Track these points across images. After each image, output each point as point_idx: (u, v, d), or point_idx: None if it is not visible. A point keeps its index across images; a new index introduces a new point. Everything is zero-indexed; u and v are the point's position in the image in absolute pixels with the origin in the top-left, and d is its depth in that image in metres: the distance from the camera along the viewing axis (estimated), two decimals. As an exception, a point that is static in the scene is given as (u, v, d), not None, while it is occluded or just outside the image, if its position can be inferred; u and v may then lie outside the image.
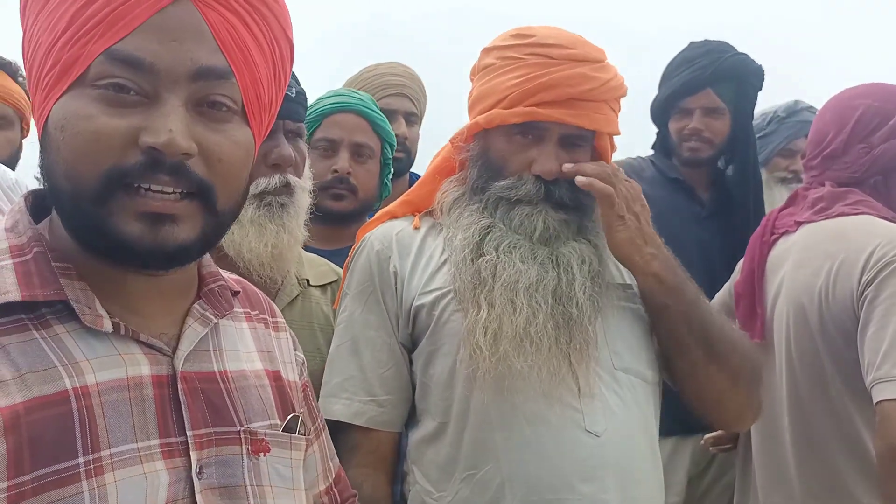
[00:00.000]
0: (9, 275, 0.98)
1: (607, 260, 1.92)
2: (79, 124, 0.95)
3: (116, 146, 0.95)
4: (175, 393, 1.04)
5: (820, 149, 2.30)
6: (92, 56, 0.96)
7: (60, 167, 0.97)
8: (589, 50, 1.93)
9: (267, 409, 1.16)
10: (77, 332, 0.99)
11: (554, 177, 1.87)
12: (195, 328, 1.10)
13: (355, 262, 2.00)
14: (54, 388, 0.94)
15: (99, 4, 0.95)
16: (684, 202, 3.18)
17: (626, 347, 1.88)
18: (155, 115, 0.96)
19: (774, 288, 2.27)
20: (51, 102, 0.98)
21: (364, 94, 2.74)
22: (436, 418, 1.86)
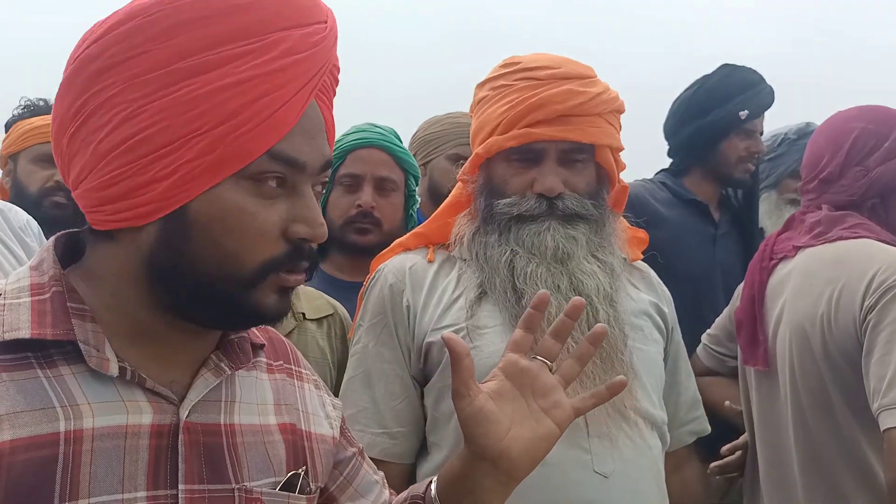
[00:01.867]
0: (24, 312, 1.00)
1: (620, 285, 1.93)
2: (243, 220, 1.01)
3: (273, 239, 1.03)
4: (175, 443, 1.03)
5: (816, 172, 2.29)
6: (256, 153, 1.00)
7: (212, 255, 1.01)
8: (575, 67, 1.97)
9: (273, 465, 1.14)
10: (83, 374, 0.99)
11: (556, 193, 1.90)
12: (207, 378, 1.10)
13: (369, 294, 2.01)
14: (48, 429, 0.94)
15: (260, 104, 1.00)
16: (699, 223, 3.19)
17: (638, 386, 1.88)
18: (300, 206, 1.05)
19: (776, 314, 2.26)
20: (195, 190, 1.00)
21: (387, 128, 2.78)
22: (445, 452, 1.86)
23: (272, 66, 1.00)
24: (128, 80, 0.99)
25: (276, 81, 1.00)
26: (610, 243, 1.96)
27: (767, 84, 3.23)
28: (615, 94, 1.98)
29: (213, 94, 0.98)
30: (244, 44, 1.00)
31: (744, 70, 3.24)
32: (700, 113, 3.18)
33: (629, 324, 1.92)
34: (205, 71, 0.99)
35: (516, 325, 1.78)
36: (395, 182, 2.70)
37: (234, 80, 0.99)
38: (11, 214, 2.06)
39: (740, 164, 3.21)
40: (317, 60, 1.05)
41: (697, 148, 3.21)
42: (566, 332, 1.35)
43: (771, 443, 2.27)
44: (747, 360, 2.33)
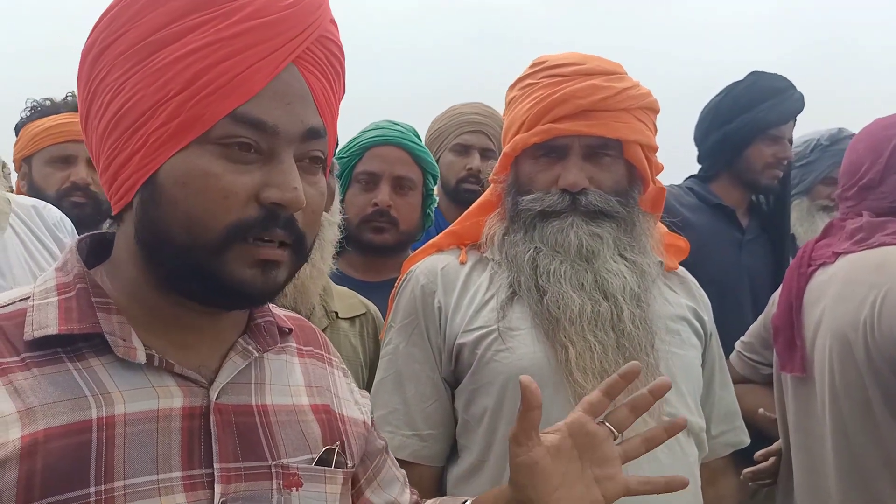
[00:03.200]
0: (52, 310, 1.03)
1: (650, 285, 1.90)
2: (206, 181, 1.01)
3: (241, 202, 1.01)
4: (207, 424, 1.05)
5: (855, 179, 2.27)
6: (217, 116, 1.01)
7: (179, 219, 1.01)
8: (601, 63, 1.95)
9: (309, 443, 1.17)
10: (112, 364, 1.03)
11: (580, 188, 1.87)
12: (235, 361, 1.12)
13: (401, 295, 2.00)
14: (80, 416, 0.97)
15: (221, 68, 1.01)
16: (726, 228, 3.19)
17: (674, 392, 1.84)
18: (275, 172, 1.03)
19: (814, 320, 2.23)
20: (162, 156, 1.01)
21: (406, 126, 2.76)
22: (475, 455, 1.84)
23: (234, 30, 1.01)
24: (112, 60, 1.03)
25: (238, 45, 1.01)
26: (641, 244, 1.93)
27: (796, 90, 3.23)
28: (646, 91, 1.95)
29: (176, 61, 1.01)
30: (207, 12, 1.02)
31: (771, 77, 3.24)
32: (726, 119, 3.20)
33: (665, 328, 1.89)
34: (171, 41, 1.01)
35: (539, 324, 1.82)
36: (412, 181, 2.68)
37: (195, 46, 1.01)
38: (45, 212, 2.08)
39: (767, 171, 3.21)
40: (291, 24, 1.05)
41: (724, 154, 3.22)
42: (645, 407, 1.33)
43: (807, 450, 2.24)
44: (784, 366, 2.31)
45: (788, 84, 3.22)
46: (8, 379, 0.98)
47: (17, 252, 1.90)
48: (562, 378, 1.76)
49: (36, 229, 2.01)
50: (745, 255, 3.16)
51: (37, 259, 1.95)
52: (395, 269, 2.65)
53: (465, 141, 3.45)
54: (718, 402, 2.06)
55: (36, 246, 1.97)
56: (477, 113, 3.52)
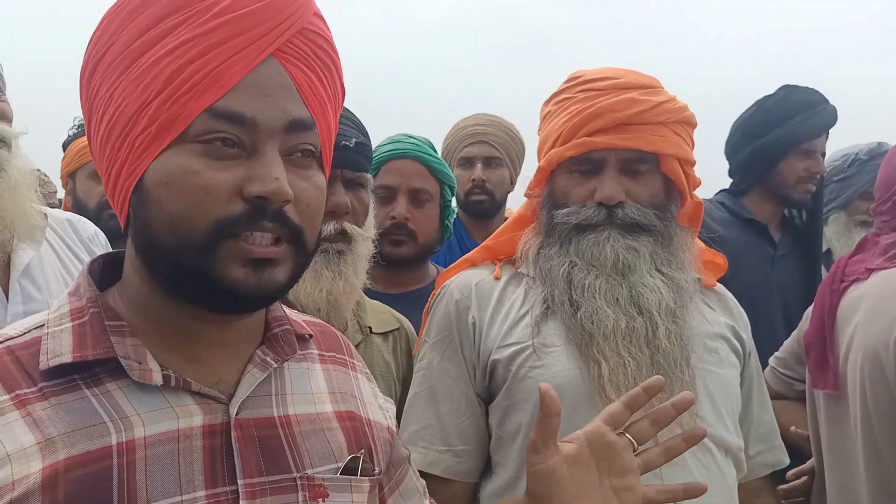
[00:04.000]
0: (66, 337, 1.03)
1: (687, 302, 1.88)
2: (186, 179, 0.99)
3: (223, 198, 1.00)
4: (228, 441, 1.05)
5: (890, 193, 2.26)
6: (194, 114, 1.00)
7: (164, 221, 1.00)
8: (637, 77, 1.94)
9: (334, 451, 1.16)
10: (129, 387, 1.02)
11: (616, 202, 1.86)
12: (254, 374, 1.11)
13: (434, 310, 1.99)
14: (99, 444, 0.97)
15: (195, 66, 1.00)
16: (758, 242, 3.19)
17: (712, 411, 1.83)
18: (257, 165, 1.01)
19: (847, 337, 2.21)
20: (146, 160, 1.01)
21: (422, 139, 2.78)
22: (509, 472, 1.83)
23: (206, 27, 1.01)
24: (102, 73, 1.04)
25: (212, 40, 1.01)
26: (678, 259, 1.92)
27: (829, 104, 3.21)
28: (682, 104, 1.94)
29: (154, 64, 1.00)
30: (183, 13, 1.01)
31: (804, 90, 3.23)
32: (758, 133, 3.19)
33: (703, 346, 1.87)
34: (150, 46, 1.01)
35: (573, 339, 1.81)
36: (429, 193, 2.69)
37: (171, 47, 1.00)
38: (80, 225, 2.10)
39: (800, 185, 3.20)
40: (266, 17, 1.03)
41: (756, 168, 3.21)
42: (667, 420, 1.33)
43: (840, 468, 2.22)
44: (816, 383, 2.29)
45: (821, 97, 3.20)
46: (27, 410, 0.97)
47: (54, 266, 1.92)
48: (595, 394, 1.75)
49: (71, 243, 2.03)
50: (777, 271, 3.14)
51: (72, 272, 1.96)
52: (414, 281, 2.72)
53: (467, 153, 3.55)
54: (757, 422, 2.04)
55: (71, 259, 1.99)
56: (477, 124, 3.58)
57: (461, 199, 3.54)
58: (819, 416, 2.31)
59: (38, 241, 1.88)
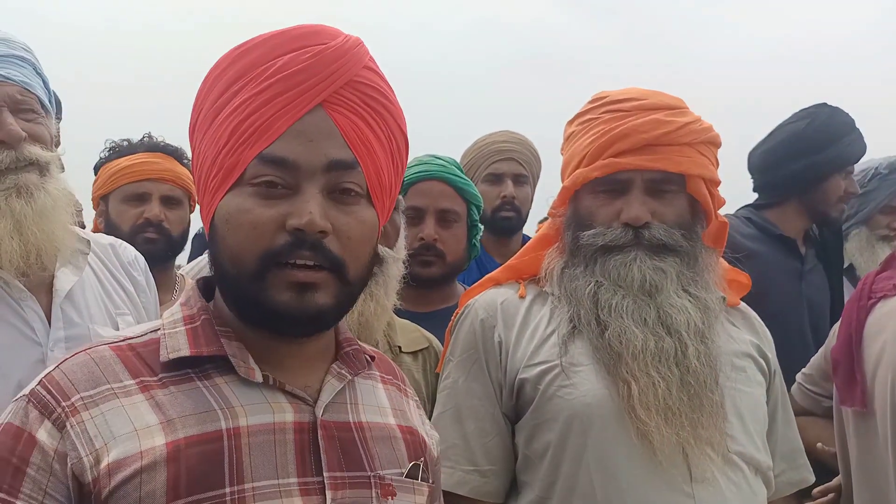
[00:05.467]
0: (182, 337, 1.23)
1: (714, 321, 1.89)
2: (240, 217, 1.18)
3: (269, 232, 1.17)
4: (315, 438, 1.21)
5: None
6: (248, 160, 1.18)
7: (226, 253, 1.20)
8: (662, 98, 1.95)
9: (399, 458, 1.32)
10: (234, 382, 1.21)
11: (642, 223, 1.87)
12: (332, 383, 1.29)
13: (459, 329, 2.00)
14: (212, 427, 1.15)
15: (251, 120, 1.18)
16: (785, 258, 3.18)
17: (741, 430, 1.84)
18: (297, 201, 1.17)
19: (875, 354, 2.21)
20: (216, 202, 1.21)
21: (448, 159, 2.82)
22: (537, 492, 1.83)
23: (261, 87, 1.19)
24: (197, 131, 1.27)
25: (265, 97, 1.18)
26: (704, 279, 1.92)
27: None
28: (708, 125, 1.95)
29: (223, 121, 1.20)
30: (246, 78, 1.21)
31: (843, 111, 3.24)
32: (814, 149, 3.17)
33: (731, 364, 1.88)
34: (223, 106, 1.21)
35: (600, 359, 1.81)
36: (457, 213, 2.74)
37: (234, 106, 1.20)
38: (121, 250, 2.13)
39: (839, 204, 3.21)
40: (311, 73, 1.20)
41: (804, 183, 3.19)
42: None
43: (870, 485, 2.21)
44: (844, 400, 2.28)
45: (854, 120, 3.23)
46: (150, 394, 1.17)
47: (95, 291, 1.95)
48: (624, 413, 1.76)
49: (112, 268, 2.06)
50: (805, 286, 3.14)
51: (112, 297, 1.99)
52: (442, 300, 2.75)
53: (496, 170, 3.56)
54: (782, 440, 2.04)
55: (112, 284, 2.02)
56: (505, 141, 3.60)
57: (486, 216, 3.52)
58: (847, 433, 2.31)
59: (80, 267, 1.91)
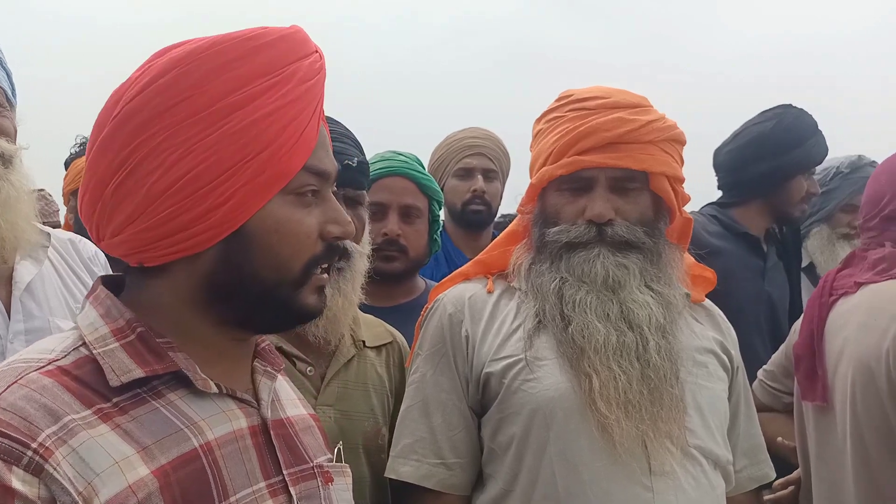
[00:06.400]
0: (122, 356, 1.13)
1: (676, 317, 1.91)
2: (292, 227, 1.16)
3: (314, 240, 1.19)
4: (268, 439, 1.22)
5: (877, 210, 2.29)
6: (295, 169, 1.16)
7: (271, 262, 1.16)
8: (626, 97, 1.97)
9: (321, 446, 1.35)
10: (186, 396, 1.15)
11: (606, 220, 1.89)
12: (265, 382, 1.27)
13: (428, 324, 2.01)
14: (187, 447, 1.10)
15: (293, 127, 1.15)
16: (748, 256, 3.22)
17: (701, 424, 1.86)
18: (329, 210, 1.21)
19: (836, 350, 2.24)
20: (252, 208, 1.14)
21: (410, 155, 2.85)
22: (501, 485, 1.85)
23: (294, 94, 1.16)
24: (175, 124, 1.12)
25: (299, 106, 1.16)
26: (667, 275, 1.94)
27: None
28: (672, 122, 1.97)
29: (254, 124, 1.13)
30: (269, 78, 1.15)
31: (808, 113, 3.29)
32: (780, 151, 3.21)
33: (692, 360, 1.90)
34: (243, 105, 1.13)
35: (564, 353, 1.83)
36: (419, 209, 2.76)
37: (268, 110, 1.14)
38: (81, 245, 2.12)
39: (801, 204, 3.26)
40: (320, 85, 1.22)
41: (769, 183, 3.23)
42: None
43: (829, 479, 2.25)
44: (805, 395, 2.31)
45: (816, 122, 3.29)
46: (114, 423, 1.07)
47: (55, 284, 1.93)
48: (586, 407, 1.77)
49: (72, 262, 2.05)
50: (767, 283, 3.18)
51: (73, 291, 1.98)
52: (403, 295, 2.77)
53: (466, 164, 3.60)
54: (744, 436, 2.06)
55: (72, 278, 2.01)
56: (475, 137, 3.65)
57: (457, 209, 3.60)
58: (807, 428, 2.34)
59: (40, 260, 1.89)
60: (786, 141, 3.20)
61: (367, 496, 2.03)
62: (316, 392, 2.01)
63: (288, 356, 2.00)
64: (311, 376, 2.02)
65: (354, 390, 2.07)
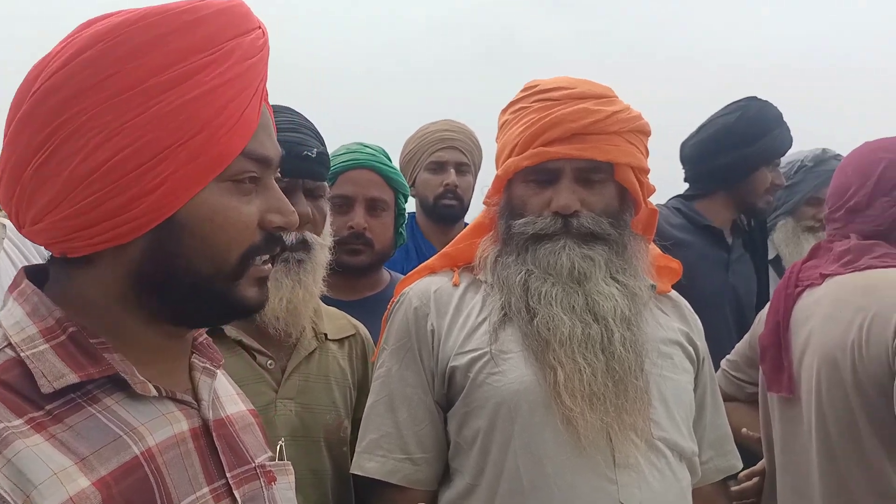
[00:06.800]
0: (53, 359, 1.03)
1: (642, 308, 1.91)
2: (228, 215, 1.08)
3: (252, 230, 1.11)
4: (209, 441, 1.15)
5: (843, 201, 2.30)
6: (233, 154, 1.07)
7: (204, 252, 1.08)
8: (592, 87, 1.97)
9: (261, 444, 1.29)
10: (124, 400, 1.07)
11: (572, 211, 1.88)
12: (205, 380, 1.20)
13: (393, 318, 2.00)
14: (127, 455, 1.02)
15: (231, 109, 1.06)
16: (712, 248, 3.24)
17: (666, 416, 1.86)
18: (271, 198, 1.14)
19: (801, 341, 2.25)
20: (185, 196, 1.05)
21: (376, 148, 2.83)
22: (467, 479, 1.84)
23: (233, 73, 1.08)
24: (100, 102, 1.01)
25: (239, 86, 1.08)
26: (633, 266, 1.94)
27: None
28: (636, 113, 1.96)
29: (187, 104, 1.04)
30: (205, 55, 1.06)
31: (772, 105, 3.31)
32: (744, 142, 3.22)
33: (657, 351, 1.89)
34: (177, 84, 1.04)
35: (529, 346, 1.83)
36: (385, 202, 2.75)
37: (204, 89, 1.05)
38: None
39: (765, 195, 3.28)
40: (263, 63, 1.14)
41: (733, 175, 3.24)
42: None
43: (793, 470, 2.26)
44: (771, 386, 2.32)
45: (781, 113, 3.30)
46: (48, 433, 0.99)
47: (9, 274, 1.89)
48: (551, 400, 1.77)
49: (28, 254, 2.01)
50: (731, 275, 3.21)
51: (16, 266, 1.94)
52: (368, 288, 2.76)
53: (439, 158, 3.58)
54: (710, 427, 2.06)
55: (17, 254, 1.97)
56: (447, 129, 3.64)
57: (429, 203, 3.58)
58: (772, 419, 2.35)
59: None
60: (749, 133, 3.21)
61: (328, 489, 2.01)
62: (277, 385, 1.98)
63: (248, 349, 1.97)
64: (272, 369, 1.99)
65: (316, 383, 2.04)
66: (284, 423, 1.95)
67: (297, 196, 2.00)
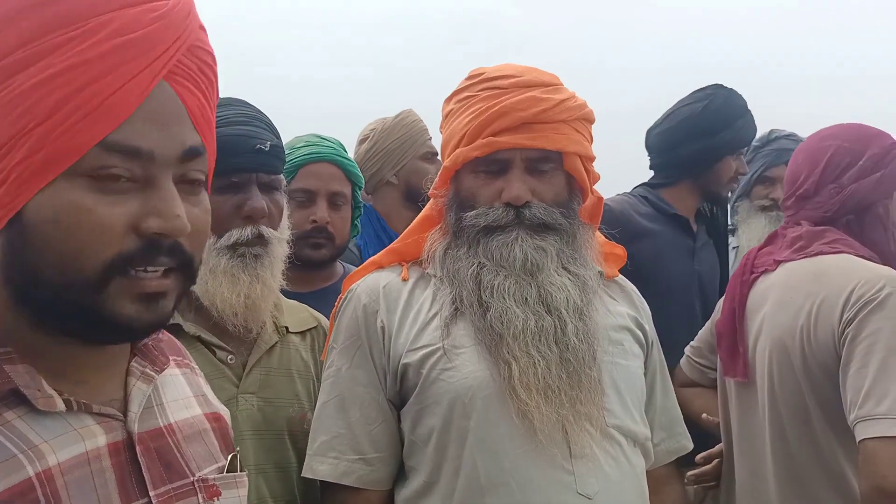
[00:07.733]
0: None
1: (592, 297, 1.90)
2: (79, 217, 0.93)
3: (118, 235, 0.95)
4: (133, 456, 1.04)
5: (794, 189, 2.33)
6: (86, 146, 0.92)
7: (50, 258, 0.94)
8: (538, 75, 1.95)
9: (213, 453, 1.18)
10: (28, 415, 0.96)
11: (523, 202, 1.87)
12: (140, 388, 1.09)
13: (342, 316, 1.97)
14: (18, 477, 0.91)
15: (87, 93, 0.92)
16: (678, 236, 3.24)
17: (619, 403, 1.86)
18: (154, 199, 0.97)
19: (756, 327, 2.28)
20: (26, 194, 0.92)
21: (335, 140, 2.82)
22: (423, 477, 1.83)
23: (99, 50, 0.93)
24: None
25: (105, 65, 0.93)
26: (582, 255, 1.93)
27: None
28: (582, 101, 1.95)
29: (35, 88, 0.91)
30: (68, 30, 0.92)
31: (738, 94, 3.31)
32: (709, 131, 3.22)
33: (608, 338, 1.90)
34: (28, 65, 0.91)
35: (482, 340, 1.81)
36: (345, 196, 2.76)
37: (56, 70, 0.91)
38: None
39: (730, 184, 3.30)
40: (159, 39, 0.97)
41: (699, 164, 3.25)
42: None
43: (748, 453, 2.29)
44: (727, 371, 2.35)
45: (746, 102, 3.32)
46: None
47: None
48: (505, 394, 1.76)
49: None
50: (696, 262, 3.23)
51: None
52: (323, 280, 2.76)
53: (433, 148, 3.50)
54: (661, 410, 2.07)
55: None
56: (419, 121, 3.58)
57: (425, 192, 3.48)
58: (729, 403, 2.38)
59: None
60: (715, 122, 3.21)
61: (294, 483, 2.01)
62: (237, 380, 1.97)
63: (207, 345, 1.96)
64: (233, 365, 1.98)
65: (277, 377, 2.04)
66: (246, 419, 1.94)
67: (252, 190, 1.98)
